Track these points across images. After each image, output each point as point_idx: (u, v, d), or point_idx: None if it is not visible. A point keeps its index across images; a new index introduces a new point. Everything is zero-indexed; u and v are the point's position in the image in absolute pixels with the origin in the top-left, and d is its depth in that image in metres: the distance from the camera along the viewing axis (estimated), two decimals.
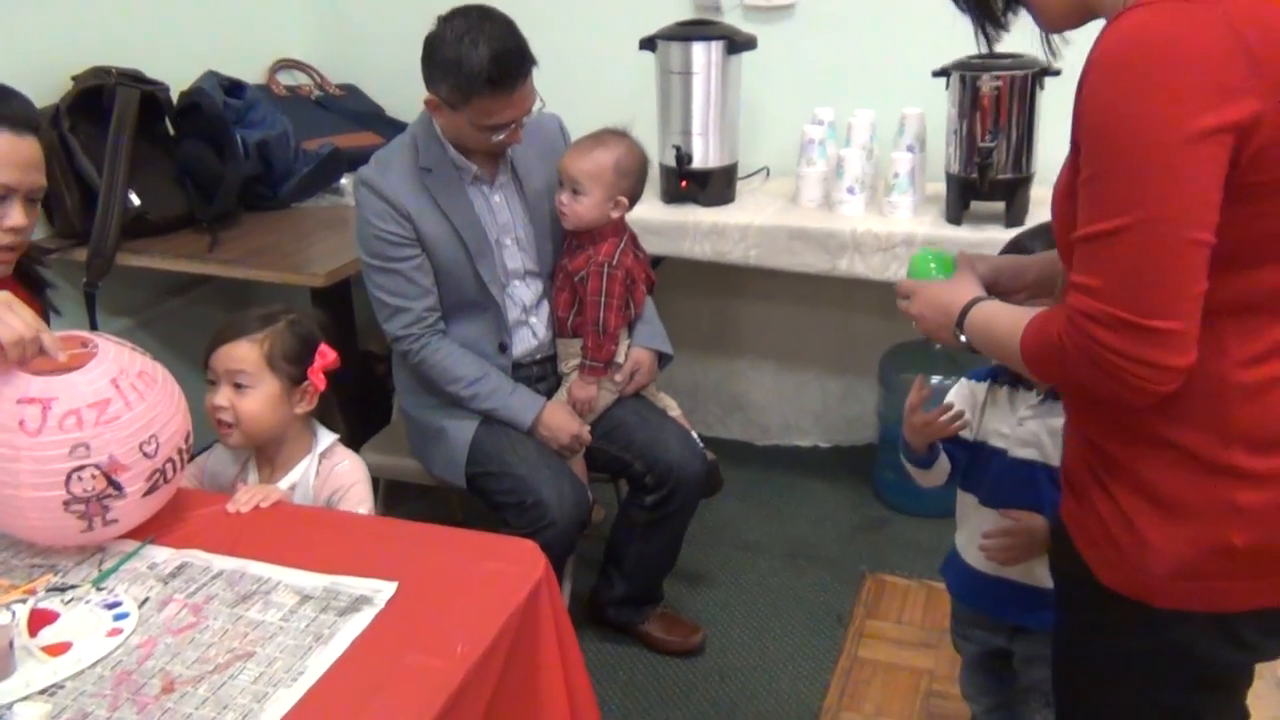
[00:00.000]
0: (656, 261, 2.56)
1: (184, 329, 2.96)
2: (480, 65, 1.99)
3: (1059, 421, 1.62)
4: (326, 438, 1.82)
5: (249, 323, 1.78)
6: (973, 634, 1.81)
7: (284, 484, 1.75)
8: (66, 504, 1.37)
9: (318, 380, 1.77)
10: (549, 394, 2.30)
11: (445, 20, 2.06)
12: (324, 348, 1.79)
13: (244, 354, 1.73)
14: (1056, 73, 2.42)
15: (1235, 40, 0.98)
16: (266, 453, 1.80)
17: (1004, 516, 1.69)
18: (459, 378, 2.18)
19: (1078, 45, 1.24)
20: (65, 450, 1.36)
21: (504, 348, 2.25)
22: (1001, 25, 1.22)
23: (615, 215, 2.20)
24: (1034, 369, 1.16)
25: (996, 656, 1.80)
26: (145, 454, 1.42)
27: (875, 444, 3.06)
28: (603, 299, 2.18)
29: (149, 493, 1.44)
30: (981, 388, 1.78)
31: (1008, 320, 1.21)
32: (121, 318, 2.83)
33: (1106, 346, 1.03)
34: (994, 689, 1.84)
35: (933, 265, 1.47)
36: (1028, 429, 1.68)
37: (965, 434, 1.79)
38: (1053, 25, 1.21)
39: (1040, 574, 1.67)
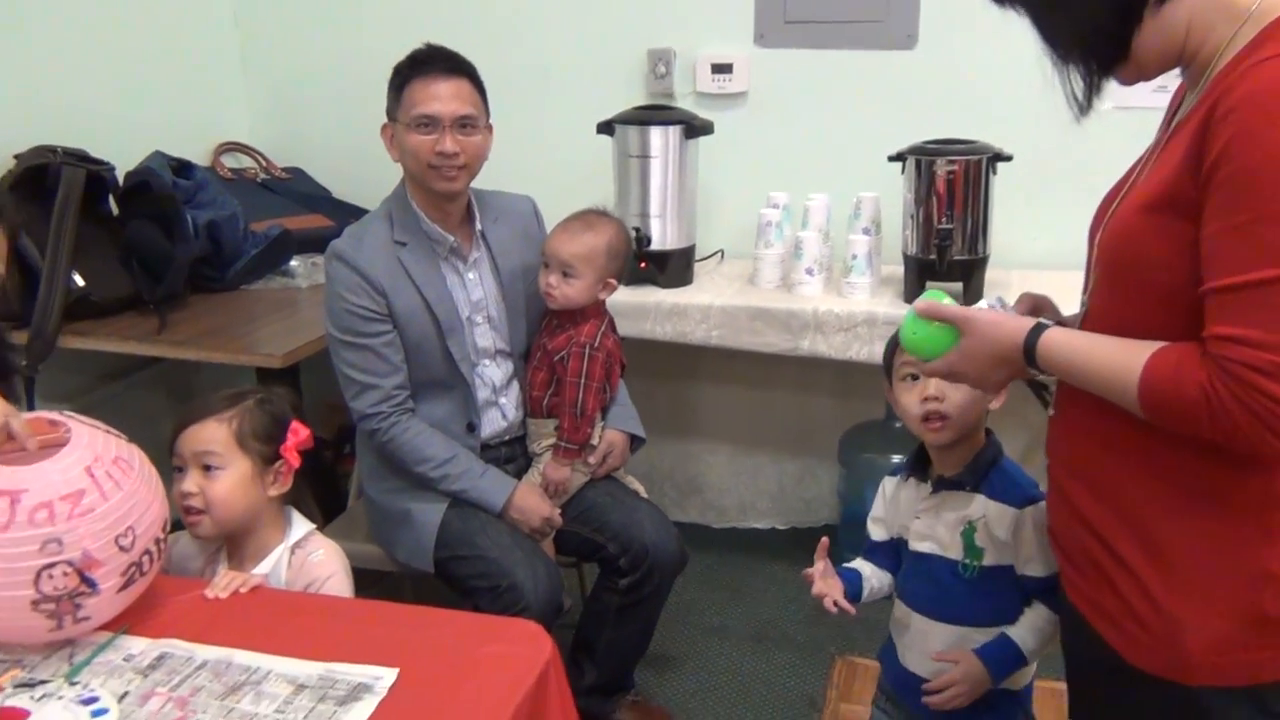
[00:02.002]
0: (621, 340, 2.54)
1: (124, 416, 2.82)
2: (415, 53, 2.07)
3: (952, 515, 1.60)
4: (301, 527, 1.73)
5: (216, 403, 1.70)
6: (894, 712, 1.74)
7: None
8: (35, 603, 1.28)
9: (291, 457, 1.70)
10: (518, 475, 2.25)
11: None
12: (296, 424, 1.72)
13: (212, 434, 1.65)
14: (1009, 158, 2.50)
15: None
16: (236, 542, 1.69)
17: (939, 660, 1.59)
18: (428, 458, 2.12)
19: (1023, 126, 1.22)
20: (36, 546, 1.27)
21: (472, 428, 2.20)
22: (1109, 72, 1.16)
23: (603, 296, 2.19)
24: (1155, 412, 1.09)
25: None
26: (121, 547, 1.34)
27: (834, 525, 3.06)
28: (582, 380, 2.14)
29: (124, 588, 1.36)
30: (893, 482, 1.75)
31: (1108, 352, 1.12)
32: (58, 404, 2.70)
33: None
34: None
35: (932, 333, 1.29)
36: (923, 522, 1.64)
37: (880, 533, 1.76)
38: (1140, 75, 1.16)
39: None
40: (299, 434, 1.71)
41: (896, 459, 2.74)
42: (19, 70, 2.65)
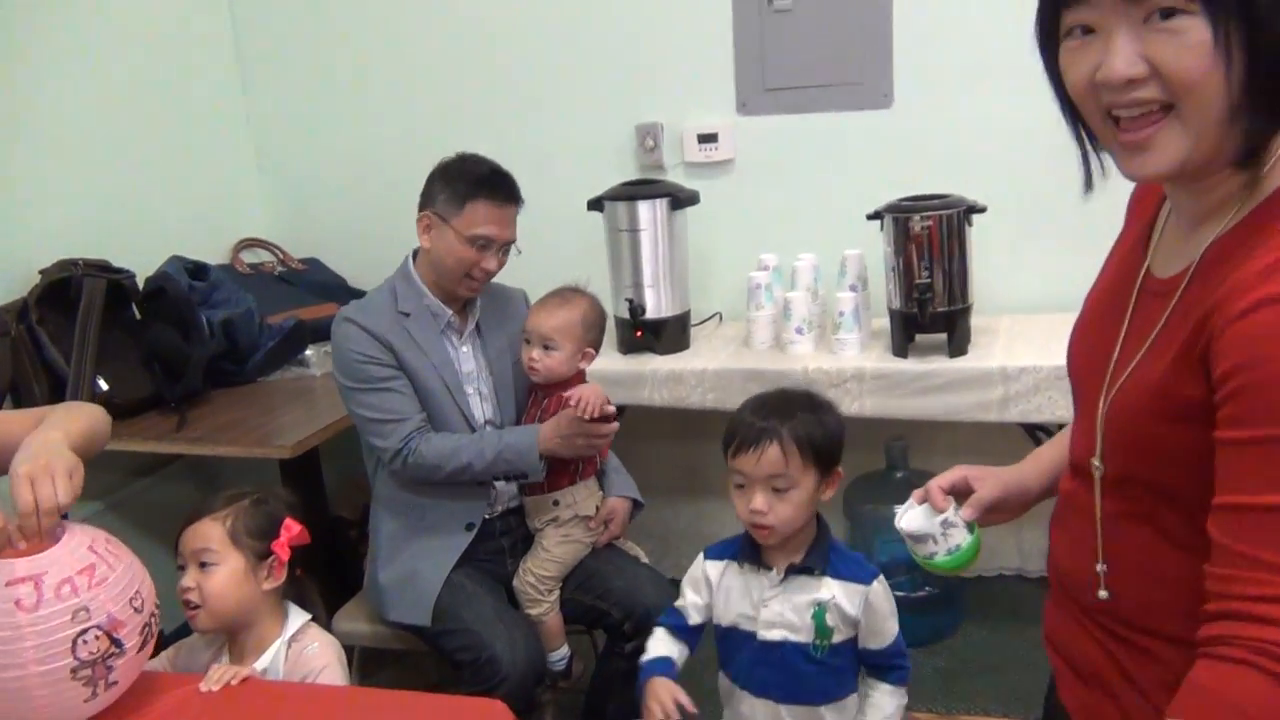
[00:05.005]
0: (621, 410, 2.61)
1: (153, 510, 2.98)
2: (483, 172, 2.24)
3: (803, 598, 1.66)
4: (297, 619, 1.81)
5: (215, 502, 1.81)
6: None
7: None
8: (74, 670, 1.39)
9: (281, 552, 1.78)
10: (512, 548, 2.35)
11: (450, 157, 2.29)
12: (289, 521, 1.81)
13: (207, 531, 1.76)
14: (982, 209, 2.56)
15: None
16: (237, 638, 1.79)
17: None
18: (458, 446, 2.20)
19: (999, 175, 1.17)
20: (67, 617, 1.39)
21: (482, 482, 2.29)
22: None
23: (583, 366, 2.29)
24: None
25: None
26: (135, 609, 1.47)
27: None
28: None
29: (141, 648, 1.48)
30: (717, 567, 1.78)
31: None
32: (90, 502, 2.85)
33: None
34: None
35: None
36: (772, 610, 1.71)
37: (697, 618, 1.83)
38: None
39: None
40: (291, 530, 1.80)
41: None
42: (38, 187, 2.82)
